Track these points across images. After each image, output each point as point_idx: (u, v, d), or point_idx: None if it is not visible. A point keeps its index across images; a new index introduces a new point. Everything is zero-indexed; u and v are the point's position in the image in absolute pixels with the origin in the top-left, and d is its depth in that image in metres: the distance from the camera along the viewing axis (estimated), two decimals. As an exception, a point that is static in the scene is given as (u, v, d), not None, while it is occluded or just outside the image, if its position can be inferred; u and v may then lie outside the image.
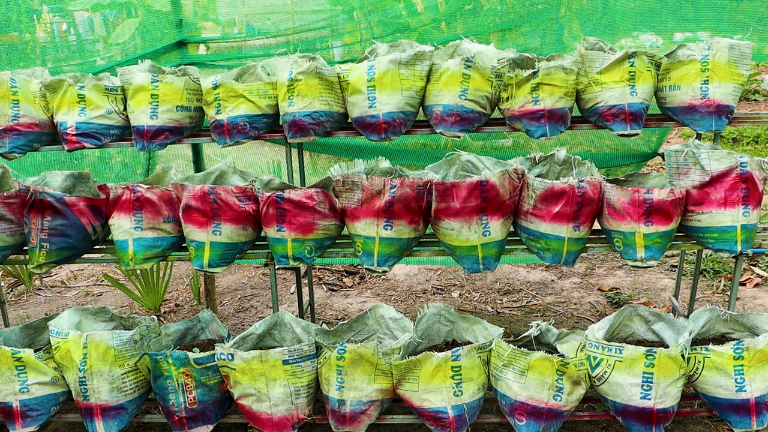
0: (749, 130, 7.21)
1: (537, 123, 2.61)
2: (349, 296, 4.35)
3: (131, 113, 2.77)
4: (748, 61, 2.56)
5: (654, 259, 2.56)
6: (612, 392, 2.46)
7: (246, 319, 4.09)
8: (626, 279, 4.41)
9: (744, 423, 2.46)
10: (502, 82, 2.62)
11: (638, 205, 2.51)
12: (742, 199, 2.50)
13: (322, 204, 2.64)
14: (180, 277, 4.73)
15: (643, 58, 2.55)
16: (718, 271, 4.34)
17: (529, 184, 2.56)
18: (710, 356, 2.43)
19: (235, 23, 3.86)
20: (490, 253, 2.63)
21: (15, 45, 3.38)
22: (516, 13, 3.33)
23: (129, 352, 2.61)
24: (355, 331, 2.83)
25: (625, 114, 2.58)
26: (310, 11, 3.80)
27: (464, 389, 2.50)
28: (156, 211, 2.72)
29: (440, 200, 2.52)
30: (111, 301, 4.39)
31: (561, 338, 2.70)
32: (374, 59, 2.65)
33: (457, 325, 2.82)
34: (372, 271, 2.66)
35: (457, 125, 2.64)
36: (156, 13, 3.41)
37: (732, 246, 2.56)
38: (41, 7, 3.55)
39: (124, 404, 2.63)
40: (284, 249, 2.68)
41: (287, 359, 2.50)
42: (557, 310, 4.02)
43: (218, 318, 3.04)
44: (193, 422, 2.64)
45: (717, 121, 2.59)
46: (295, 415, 2.58)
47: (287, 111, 2.68)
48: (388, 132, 2.66)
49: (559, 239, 2.59)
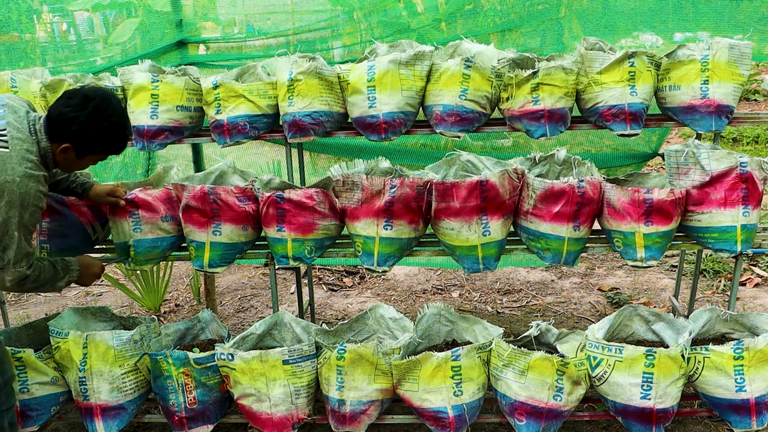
0: (749, 130, 7.21)
1: (537, 123, 2.61)
2: (349, 296, 4.34)
3: (131, 113, 2.77)
4: (748, 61, 2.56)
5: (654, 259, 2.56)
6: (612, 392, 2.46)
7: (246, 319, 4.09)
8: (626, 279, 4.41)
9: (744, 423, 2.46)
10: (502, 82, 2.62)
11: (638, 205, 2.51)
12: (742, 199, 2.50)
13: (322, 204, 2.64)
14: (180, 277, 4.73)
15: (643, 58, 2.55)
16: (718, 271, 4.34)
17: (529, 184, 2.56)
18: (710, 356, 2.43)
19: (235, 23, 3.86)
20: (490, 253, 2.63)
21: (15, 45, 3.38)
22: (516, 13, 3.33)
23: (129, 352, 2.61)
24: (355, 331, 2.83)
25: (625, 114, 2.58)
26: (310, 11, 3.80)
27: (464, 389, 2.50)
28: (153, 211, 2.72)
29: (440, 200, 2.52)
30: (111, 301, 4.39)
31: (561, 338, 2.70)
32: (374, 59, 2.65)
33: (457, 325, 2.82)
34: (372, 271, 2.66)
35: (457, 125, 2.63)
36: (156, 13, 3.41)
37: (732, 246, 2.56)
38: (41, 7, 3.55)
39: (124, 404, 2.63)
40: (284, 249, 2.68)
41: (287, 359, 2.50)
42: (557, 310, 4.02)
43: (218, 318, 3.04)
44: (193, 422, 2.64)
45: (717, 121, 2.59)
46: (295, 415, 2.57)
47: (287, 111, 2.68)
48: (388, 132, 2.66)
49: (559, 239, 2.58)
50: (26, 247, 2.11)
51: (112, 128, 2.18)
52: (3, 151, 2.03)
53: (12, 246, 2.07)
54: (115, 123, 2.18)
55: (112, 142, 2.23)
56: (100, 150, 2.23)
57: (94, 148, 2.20)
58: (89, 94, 2.15)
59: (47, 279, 2.25)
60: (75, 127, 2.12)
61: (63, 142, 2.15)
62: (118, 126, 2.20)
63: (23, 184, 2.03)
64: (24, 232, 2.09)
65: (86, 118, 2.12)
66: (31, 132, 2.14)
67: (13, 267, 2.10)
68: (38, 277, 2.20)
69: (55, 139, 2.16)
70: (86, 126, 2.13)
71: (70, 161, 2.22)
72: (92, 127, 2.13)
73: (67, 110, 2.12)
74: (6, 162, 2.02)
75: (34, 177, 2.07)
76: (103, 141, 2.19)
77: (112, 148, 2.25)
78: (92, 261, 2.53)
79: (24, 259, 2.12)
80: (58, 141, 2.16)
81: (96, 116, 2.13)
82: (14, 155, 2.04)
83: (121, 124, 2.21)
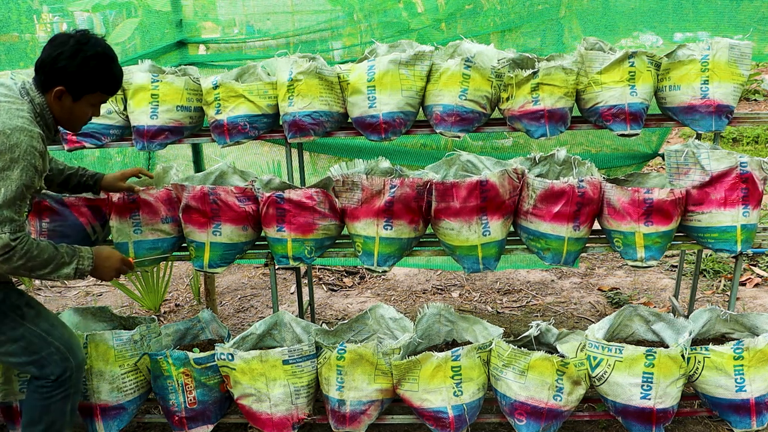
0: (749, 130, 7.21)
1: (537, 123, 2.61)
2: (349, 296, 4.34)
3: (131, 113, 2.77)
4: (748, 61, 2.56)
5: (654, 259, 2.56)
6: (612, 392, 2.46)
7: (246, 319, 4.09)
8: (626, 279, 4.41)
9: (744, 423, 2.46)
10: (502, 82, 2.62)
11: (638, 205, 2.51)
12: (742, 199, 2.50)
13: (322, 204, 2.64)
14: (180, 277, 4.73)
15: (643, 58, 2.55)
16: (718, 271, 4.34)
17: (529, 184, 2.56)
18: (710, 356, 2.43)
19: (235, 23, 3.86)
20: (490, 253, 2.63)
21: (15, 45, 3.38)
22: (516, 13, 3.33)
23: (129, 352, 2.61)
24: (355, 331, 2.83)
25: (625, 114, 2.58)
26: (310, 12, 3.80)
27: (464, 389, 2.50)
28: (154, 212, 2.72)
29: (440, 200, 2.52)
30: (111, 301, 4.39)
31: (561, 338, 2.70)
32: (374, 59, 2.65)
33: (457, 325, 2.82)
34: (372, 271, 2.66)
35: (457, 125, 2.63)
36: (156, 13, 3.41)
37: (732, 246, 2.56)
38: (41, 7, 3.55)
39: (124, 404, 2.63)
40: (284, 249, 2.68)
41: (287, 359, 2.50)
42: (557, 310, 4.02)
43: (218, 318, 3.04)
44: (193, 422, 2.64)
45: (717, 121, 2.59)
46: (295, 415, 2.57)
47: (287, 111, 2.68)
48: (388, 132, 2.66)
49: (559, 239, 2.58)
50: (11, 212, 1.93)
51: (98, 58, 2.11)
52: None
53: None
54: (101, 53, 2.12)
55: (104, 75, 2.15)
56: (94, 86, 2.14)
57: (86, 84, 2.12)
58: (70, 33, 2.11)
59: (45, 260, 2.03)
60: (62, 63, 2.06)
61: (55, 87, 2.09)
62: (105, 56, 2.14)
63: (14, 136, 1.94)
64: (10, 190, 1.92)
65: (71, 51, 2.07)
66: (22, 94, 2.09)
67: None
68: (28, 253, 1.97)
69: (47, 88, 2.10)
70: (72, 59, 2.06)
71: (68, 109, 2.15)
72: (78, 58, 2.07)
73: (51, 50, 2.08)
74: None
75: (27, 131, 1.97)
76: (92, 73, 2.11)
77: (104, 83, 2.17)
78: (111, 253, 2.30)
79: (7, 224, 1.92)
80: (50, 88, 2.09)
81: (79, 48, 2.08)
82: (3, 112, 1.98)
83: (107, 55, 2.15)
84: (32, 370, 2.22)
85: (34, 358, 2.20)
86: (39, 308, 2.26)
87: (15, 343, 2.17)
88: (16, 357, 2.20)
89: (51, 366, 2.21)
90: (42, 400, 2.23)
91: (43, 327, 2.22)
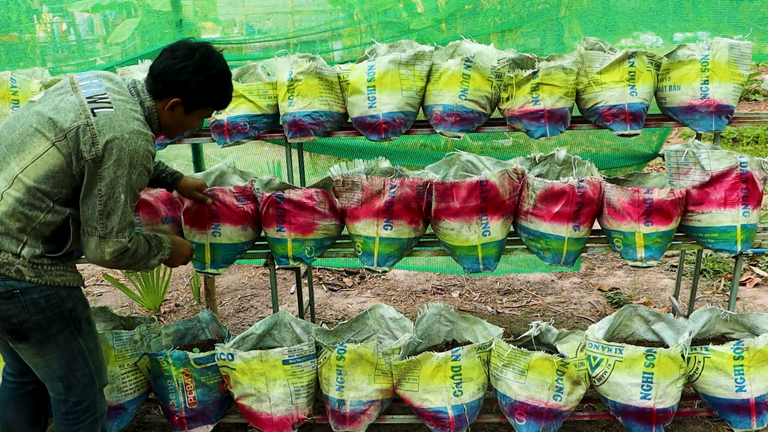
0: (749, 130, 7.20)
1: (537, 123, 2.61)
2: (349, 296, 4.34)
3: (131, 113, 2.77)
4: (748, 61, 2.57)
5: (654, 259, 2.56)
6: (612, 392, 2.46)
7: (246, 319, 4.09)
8: (626, 279, 4.41)
9: (744, 423, 2.46)
10: (502, 82, 2.62)
11: (638, 205, 2.51)
12: (742, 199, 2.50)
13: (322, 204, 2.64)
14: (180, 277, 4.73)
15: (643, 58, 2.55)
16: (718, 271, 4.34)
17: (529, 184, 2.56)
18: (710, 356, 2.43)
19: (235, 24, 3.86)
20: (490, 253, 2.63)
21: (15, 45, 3.38)
22: (516, 13, 3.33)
23: (129, 352, 2.61)
24: (355, 331, 2.83)
25: (625, 114, 2.58)
26: (310, 12, 3.80)
27: (464, 389, 2.50)
28: (154, 212, 2.72)
29: (440, 200, 2.52)
30: (111, 301, 4.39)
31: (561, 338, 2.70)
32: (374, 59, 2.65)
33: (457, 325, 2.82)
34: (372, 271, 2.66)
35: (457, 125, 2.64)
36: (156, 13, 3.41)
37: (732, 246, 2.56)
38: (41, 7, 3.55)
39: (124, 404, 2.63)
40: (284, 249, 2.68)
41: (287, 359, 2.50)
42: (557, 310, 4.02)
43: (218, 318, 3.04)
44: (193, 422, 2.64)
45: (717, 121, 2.59)
46: (295, 415, 2.57)
47: (287, 111, 2.68)
48: (388, 132, 2.66)
49: (559, 239, 2.58)
50: (130, 215, 1.97)
51: (220, 76, 2.08)
52: (108, 111, 1.93)
53: (117, 211, 1.92)
54: (223, 72, 2.09)
55: (221, 92, 2.12)
56: (208, 102, 2.12)
57: (202, 100, 2.09)
58: (193, 45, 2.06)
59: (143, 255, 2.08)
60: (184, 77, 2.02)
61: (171, 98, 2.05)
62: (226, 75, 2.11)
63: (132, 141, 1.91)
64: (130, 197, 1.95)
65: (195, 66, 2.02)
66: (133, 94, 2.05)
67: (116, 237, 1.94)
68: (136, 251, 2.03)
69: (161, 96, 2.06)
70: (196, 74, 2.02)
71: (177, 120, 2.12)
72: (202, 75, 2.03)
73: (173, 62, 2.02)
74: (113, 120, 1.91)
75: (143, 135, 1.95)
76: (212, 91, 2.09)
77: (220, 100, 2.15)
78: (183, 241, 2.39)
79: (127, 229, 1.96)
80: (165, 97, 2.05)
81: (204, 64, 2.03)
82: (120, 114, 1.93)
83: (228, 73, 2.12)
84: (58, 386, 2.11)
85: (68, 375, 2.10)
86: (93, 326, 2.20)
87: (61, 354, 2.07)
88: (51, 369, 2.08)
89: (77, 388, 2.12)
90: (70, 426, 2.15)
91: (90, 346, 2.14)
